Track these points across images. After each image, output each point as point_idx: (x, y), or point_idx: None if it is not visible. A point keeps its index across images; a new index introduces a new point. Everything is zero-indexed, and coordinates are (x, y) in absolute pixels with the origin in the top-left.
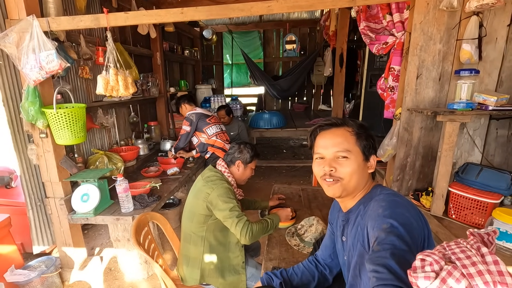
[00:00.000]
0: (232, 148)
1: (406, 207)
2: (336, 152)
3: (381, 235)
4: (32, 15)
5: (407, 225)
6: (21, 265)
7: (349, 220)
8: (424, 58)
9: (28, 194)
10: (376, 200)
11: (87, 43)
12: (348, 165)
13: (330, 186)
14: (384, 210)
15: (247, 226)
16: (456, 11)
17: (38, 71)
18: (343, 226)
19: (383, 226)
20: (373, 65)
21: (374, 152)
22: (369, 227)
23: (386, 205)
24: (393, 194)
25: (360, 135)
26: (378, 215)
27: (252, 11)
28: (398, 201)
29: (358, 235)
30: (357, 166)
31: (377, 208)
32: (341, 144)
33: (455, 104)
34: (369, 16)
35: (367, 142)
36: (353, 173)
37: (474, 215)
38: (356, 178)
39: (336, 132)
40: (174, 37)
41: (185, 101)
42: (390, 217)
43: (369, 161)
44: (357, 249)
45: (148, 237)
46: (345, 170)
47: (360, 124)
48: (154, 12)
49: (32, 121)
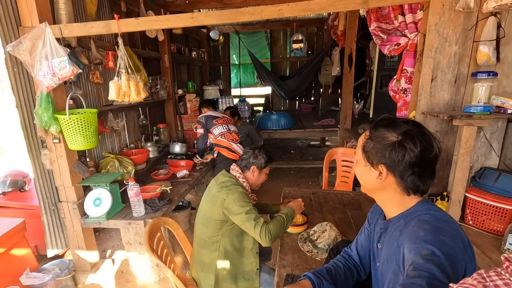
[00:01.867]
0: (246, 153)
1: (453, 237)
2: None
3: (418, 261)
4: (44, 22)
5: (451, 255)
6: (36, 268)
7: (387, 229)
8: (439, 60)
9: (42, 198)
10: (420, 220)
11: (98, 48)
12: (354, 166)
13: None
14: (427, 234)
15: (265, 228)
16: (472, 12)
17: (51, 78)
18: (380, 233)
19: (422, 252)
20: (384, 65)
21: (383, 161)
22: (406, 248)
23: (430, 229)
24: (441, 219)
25: (368, 141)
26: (419, 238)
27: (263, 15)
28: (445, 228)
29: (394, 251)
30: (359, 170)
31: (419, 229)
32: (357, 147)
33: (472, 107)
34: (380, 16)
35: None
36: (358, 175)
37: (493, 222)
38: (363, 181)
39: (362, 136)
40: (181, 39)
41: (203, 105)
42: (433, 244)
43: (376, 169)
44: (392, 266)
45: (161, 243)
46: (354, 170)
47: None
48: (164, 17)
49: (45, 127)
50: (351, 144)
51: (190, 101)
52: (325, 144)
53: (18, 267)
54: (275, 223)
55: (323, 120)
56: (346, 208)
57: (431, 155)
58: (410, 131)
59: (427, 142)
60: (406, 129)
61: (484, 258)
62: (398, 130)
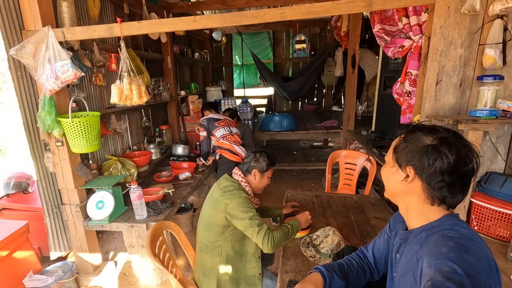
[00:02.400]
0: (248, 157)
1: (479, 258)
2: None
3: (437, 278)
4: (47, 26)
5: (474, 277)
6: (39, 270)
7: (407, 240)
8: (444, 64)
9: (45, 201)
10: (443, 235)
11: (100, 50)
12: (383, 168)
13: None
14: (449, 251)
15: (268, 234)
16: (478, 14)
17: (54, 81)
18: (400, 244)
19: (443, 269)
20: (387, 67)
21: (411, 163)
22: (426, 263)
23: (454, 246)
24: (467, 237)
25: (402, 142)
26: (441, 253)
27: (266, 18)
28: (470, 247)
29: (412, 264)
30: (386, 171)
31: (441, 245)
32: (389, 150)
33: (478, 111)
34: (384, 18)
35: (404, 150)
36: (383, 176)
37: (498, 228)
38: (388, 183)
39: (396, 138)
40: (184, 40)
41: (205, 108)
42: (455, 262)
43: (403, 171)
44: (409, 280)
45: (163, 247)
46: (381, 173)
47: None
48: (167, 21)
49: (48, 130)
50: (354, 146)
51: (192, 102)
52: (328, 145)
53: (21, 269)
54: (280, 232)
55: (326, 122)
56: (350, 212)
57: (467, 167)
58: (448, 137)
59: (465, 152)
60: (444, 135)
61: None
62: (435, 135)
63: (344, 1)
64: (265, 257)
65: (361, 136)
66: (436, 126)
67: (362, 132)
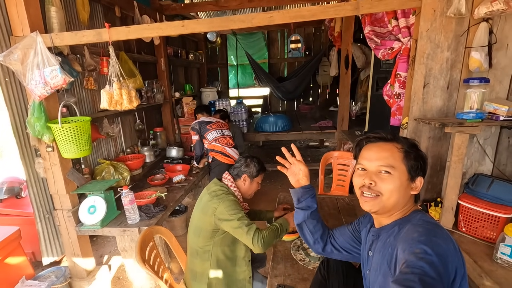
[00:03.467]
0: (238, 161)
1: (445, 239)
2: (379, 166)
3: (411, 259)
4: (36, 32)
5: (442, 256)
6: (32, 276)
7: (379, 236)
8: (431, 67)
9: (36, 206)
10: (413, 224)
11: (91, 54)
12: (390, 182)
13: (367, 201)
14: (420, 236)
15: (258, 234)
16: (464, 17)
17: (43, 87)
18: (372, 241)
19: (415, 250)
20: (379, 68)
21: (422, 174)
22: (400, 249)
23: (423, 231)
24: (433, 223)
25: (409, 153)
26: (413, 238)
27: (254, 22)
28: (437, 232)
29: (387, 255)
30: (400, 184)
31: (412, 232)
32: (386, 159)
33: (465, 113)
34: (374, 19)
35: (415, 162)
36: (394, 190)
37: (485, 229)
38: (396, 197)
39: (384, 147)
40: (178, 42)
41: (198, 111)
42: (425, 244)
43: (415, 182)
44: (383, 269)
45: (153, 252)
46: (386, 186)
47: (412, 144)
48: (155, 25)
49: (38, 136)
50: (348, 146)
51: (187, 104)
52: (323, 145)
53: (13, 275)
54: (269, 231)
55: (320, 122)
56: (341, 214)
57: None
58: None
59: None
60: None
61: (476, 268)
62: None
63: (331, 5)
64: (257, 260)
65: (355, 136)
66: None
67: (356, 132)
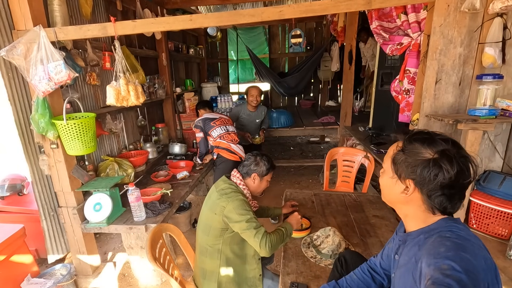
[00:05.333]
0: (248, 159)
1: (475, 255)
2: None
3: (437, 275)
4: (39, 25)
5: (472, 273)
6: (37, 274)
7: (406, 242)
8: (443, 63)
9: (41, 204)
10: (440, 236)
11: (94, 49)
12: (381, 176)
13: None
14: (447, 250)
15: (265, 237)
16: (478, 13)
17: (47, 82)
18: (399, 245)
19: (442, 266)
20: (384, 63)
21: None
22: (424, 263)
23: (451, 245)
24: (463, 237)
25: (400, 153)
26: (439, 253)
27: (263, 16)
28: (467, 246)
29: (411, 265)
30: (385, 180)
31: (439, 245)
32: (385, 156)
33: (477, 110)
34: (382, 14)
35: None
36: (384, 187)
37: (497, 226)
38: (387, 194)
39: (393, 145)
40: (178, 36)
41: (200, 107)
42: (453, 260)
43: (403, 183)
44: (409, 281)
45: (163, 250)
46: (380, 180)
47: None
48: (162, 19)
49: (42, 132)
50: (351, 142)
51: (188, 99)
52: (324, 141)
53: (19, 273)
54: (276, 235)
55: (323, 118)
56: (349, 210)
57: (467, 180)
58: (448, 150)
59: (464, 165)
60: (444, 148)
61: None
62: (435, 148)
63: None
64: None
65: (358, 132)
66: (435, 136)
67: (359, 128)
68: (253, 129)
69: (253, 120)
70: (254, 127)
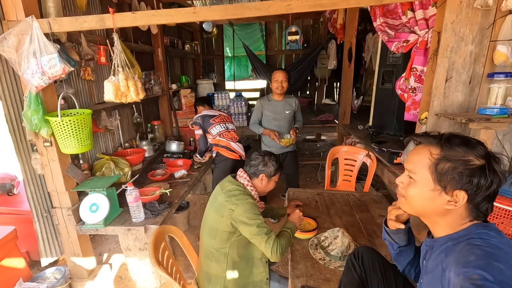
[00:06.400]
0: (255, 159)
1: (508, 265)
2: (407, 168)
3: (467, 286)
4: (31, 16)
5: (506, 284)
6: (30, 277)
7: (433, 248)
8: (454, 60)
9: (33, 205)
10: (470, 244)
11: (88, 43)
12: (411, 187)
13: (399, 200)
14: (477, 259)
15: (277, 243)
16: (491, 10)
17: (40, 77)
18: (426, 251)
19: (472, 276)
20: (386, 61)
21: (465, 188)
22: (453, 272)
23: (482, 254)
24: (495, 245)
25: (443, 161)
26: (468, 262)
27: (270, 10)
28: (499, 255)
29: (438, 272)
30: (421, 192)
31: (468, 253)
32: (413, 163)
33: (488, 109)
34: (386, 11)
35: (449, 174)
36: (415, 197)
37: (507, 226)
38: (419, 205)
39: (419, 150)
40: (174, 32)
41: (198, 104)
42: (484, 269)
43: (449, 194)
44: (435, 286)
45: (165, 253)
46: (408, 191)
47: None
48: (164, 11)
49: (35, 130)
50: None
51: (185, 96)
52: (320, 139)
53: (10, 277)
54: (285, 239)
55: (321, 116)
56: (354, 210)
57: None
58: (489, 152)
59: (501, 167)
60: (485, 150)
61: None
62: (475, 151)
63: None
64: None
65: (358, 131)
66: (468, 138)
67: (358, 126)
68: (282, 124)
69: (281, 112)
70: (283, 121)
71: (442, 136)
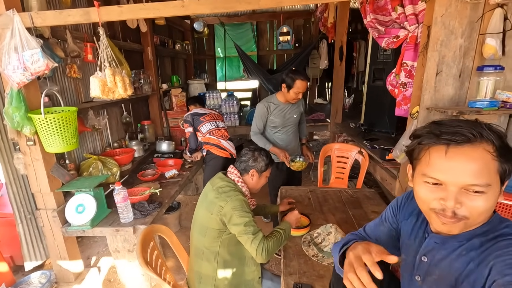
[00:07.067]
0: (245, 155)
1: None
2: (470, 185)
3: None
4: (12, 10)
5: None
6: (13, 282)
7: (446, 244)
8: (444, 54)
9: (16, 207)
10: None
11: (74, 39)
12: (482, 202)
13: (446, 224)
14: None
15: (263, 244)
16: (479, 3)
17: (22, 73)
18: (432, 247)
19: None
20: (377, 59)
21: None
22: (497, 272)
23: None
24: None
25: (504, 156)
26: None
27: (260, 4)
28: None
29: (461, 269)
30: (493, 201)
31: None
32: (480, 175)
33: (478, 102)
34: (377, 7)
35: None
36: (486, 211)
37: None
38: (485, 216)
39: (472, 154)
40: (164, 31)
41: (190, 103)
42: None
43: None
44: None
45: (154, 253)
46: (475, 209)
47: (499, 136)
48: (151, 5)
49: (17, 128)
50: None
51: (175, 96)
52: (313, 138)
53: None
54: (274, 239)
55: (313, 115)
56: (347, 206)
57: None
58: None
59: None
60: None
61: None
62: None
63: None
64: None
65: (350, 129)
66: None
67: (350, 124)
68: (290, 132)
69: (290, 117)
70: (292, 128)
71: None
